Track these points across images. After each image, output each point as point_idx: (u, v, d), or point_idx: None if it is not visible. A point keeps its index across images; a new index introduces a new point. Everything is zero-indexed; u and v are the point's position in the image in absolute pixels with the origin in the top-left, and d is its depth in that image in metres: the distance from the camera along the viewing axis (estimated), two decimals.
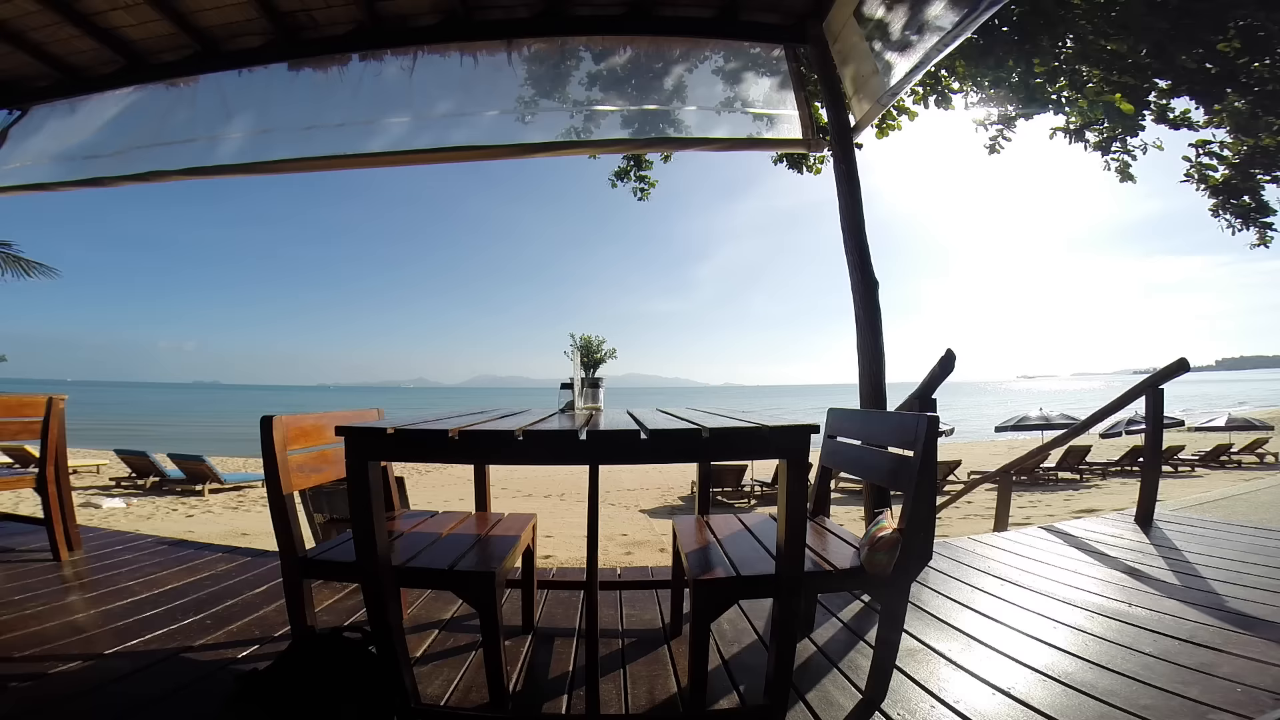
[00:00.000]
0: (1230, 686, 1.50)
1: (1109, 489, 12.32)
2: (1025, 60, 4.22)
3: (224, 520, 9.38)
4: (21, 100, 3.52)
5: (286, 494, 1.55)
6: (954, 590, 2.32)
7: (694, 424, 1.33)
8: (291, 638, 1.63)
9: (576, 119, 3.40)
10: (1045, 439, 8.45)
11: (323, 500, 3.59)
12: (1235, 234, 5.19)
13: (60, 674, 1.67)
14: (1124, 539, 3.04)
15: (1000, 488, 4.80)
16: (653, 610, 2.23)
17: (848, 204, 2.91)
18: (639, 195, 5.25)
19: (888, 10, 2.58)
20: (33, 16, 2.91)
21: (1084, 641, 1.83)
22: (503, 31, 3.16)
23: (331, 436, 1.68)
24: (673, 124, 3.45)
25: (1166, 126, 4.55)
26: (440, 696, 1.58)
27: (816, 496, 2.13)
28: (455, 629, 2.06)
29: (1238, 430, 19.33)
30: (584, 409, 1.99)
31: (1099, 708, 1.44)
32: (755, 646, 1.89)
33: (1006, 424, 20.03)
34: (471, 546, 1.63)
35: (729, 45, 3.33)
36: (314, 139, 3.31)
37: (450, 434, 1.23)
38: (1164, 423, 3.47)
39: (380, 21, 3.08)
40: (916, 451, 1.40)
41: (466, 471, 2.48)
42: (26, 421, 2.86)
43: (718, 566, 1.48)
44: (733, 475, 12.01)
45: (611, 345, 2.12)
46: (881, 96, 2.75)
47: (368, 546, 1.30)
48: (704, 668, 1.43)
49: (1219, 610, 2.04)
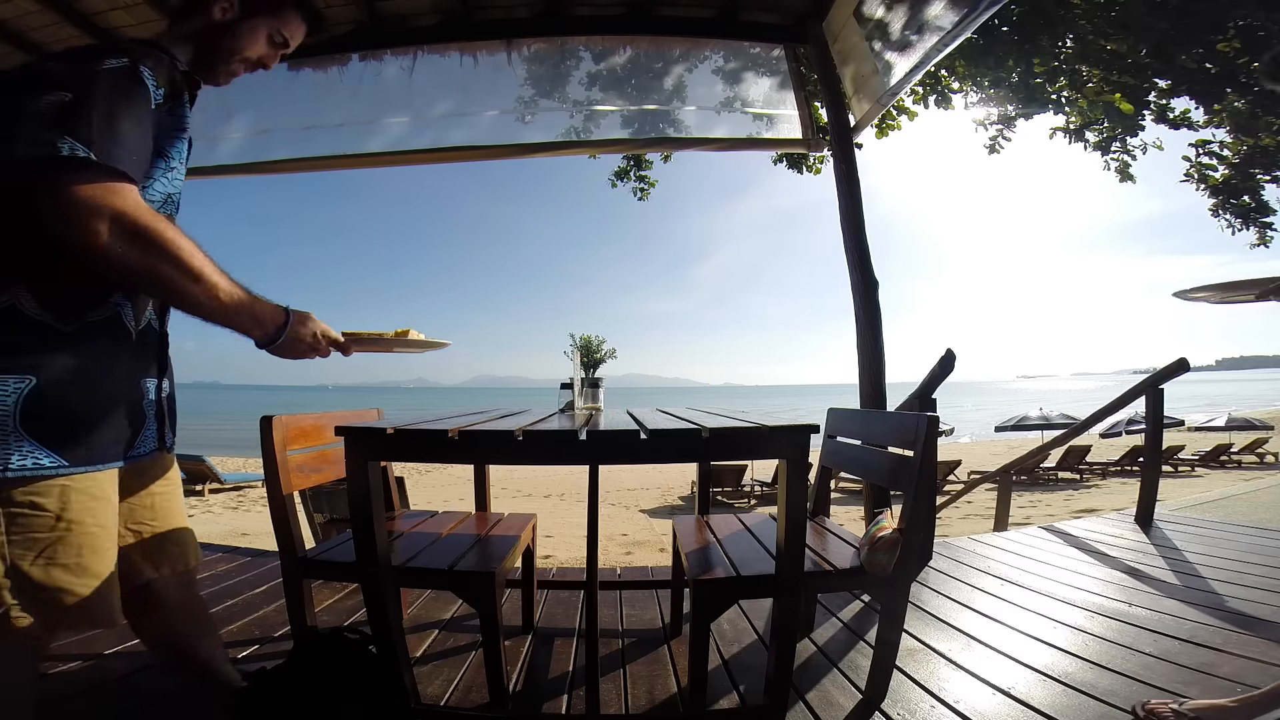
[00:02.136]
0: (1230, 686, 1.50)
1: (1109, 489, 12.33)
2: (1025, 60, 4.22)
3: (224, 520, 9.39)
4: None
5: (286, 494, 1.55)
6: (954, 590, 2.32)
7: (694, 424, 1.33)
8: (292, 638, 1.63)
9: (576, 119, 3.40)
10: (1045, 439, 8.45)
11: (323, 500, 3.59)
12: (1235, 234, 5.20)
13: (60, 674, 1.66)
14: (1124, 539, 3.04)
15: (1000, 488, 4.80)
16: (653, 610, 2.23)
17: (848, 204, 2.91)
18: (639, 195, 5.25)
19: (888, 10, 2.58)
20: (33, 16, 2.91)
21: (1084, 641, 1.82)
22: (502, 31, 3.16)
23: (331, 436, 1.68)
24: (673, 124, 3.45)
25: (1166, 126, 4.55)
26: (440, 696, 1.58)
27: (816, 496, 2.13)
28: (455, 629, 2.06)
29: (1238, 430, 19.34)
30: (584, 409, 1.99)
31: (1099, 708, 1.44)
32: (755, 646, 1.89)
33: (1006, 424, 20.05)
34: (471, 546, 1.63)
35: (729, 45, 3.32)
36: (313, 139, 3.31)
37: (450, 434, 1.23)
38: (1164, 423, 3.47)
39: (380, 21, 3.08)
40: (916, 451, 1.40)
41: (466, 471, 2.48)
42: None
43: (718, 566, 1.48)
44: (733, 475, 12.01)
45: (611, 345, 2.11)
46: (881, 96, 2.74)
47: (368, 546, 1.30)
48: (704, 668, 1.42)
49: (1219, 610, 2.04)
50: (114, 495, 1.00)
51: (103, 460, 0.96)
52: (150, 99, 0.96)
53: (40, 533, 0.90)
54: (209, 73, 1.14)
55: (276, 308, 1.03)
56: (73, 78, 0.87)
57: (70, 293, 0.92)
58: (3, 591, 0.88)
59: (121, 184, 0.86)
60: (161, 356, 1.11)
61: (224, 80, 1.16)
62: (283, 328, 1.03)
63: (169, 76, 1.02)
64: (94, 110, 0.85)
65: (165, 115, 1.01)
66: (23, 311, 0.87)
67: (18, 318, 0.87)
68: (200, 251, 0.93)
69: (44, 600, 0.91)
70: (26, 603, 0.90)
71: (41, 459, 0.88)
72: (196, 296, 0.92)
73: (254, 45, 1.14)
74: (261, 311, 1.01)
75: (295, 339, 1.06)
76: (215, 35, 1.11)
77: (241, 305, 0.98)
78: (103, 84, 0.88)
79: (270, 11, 1.14)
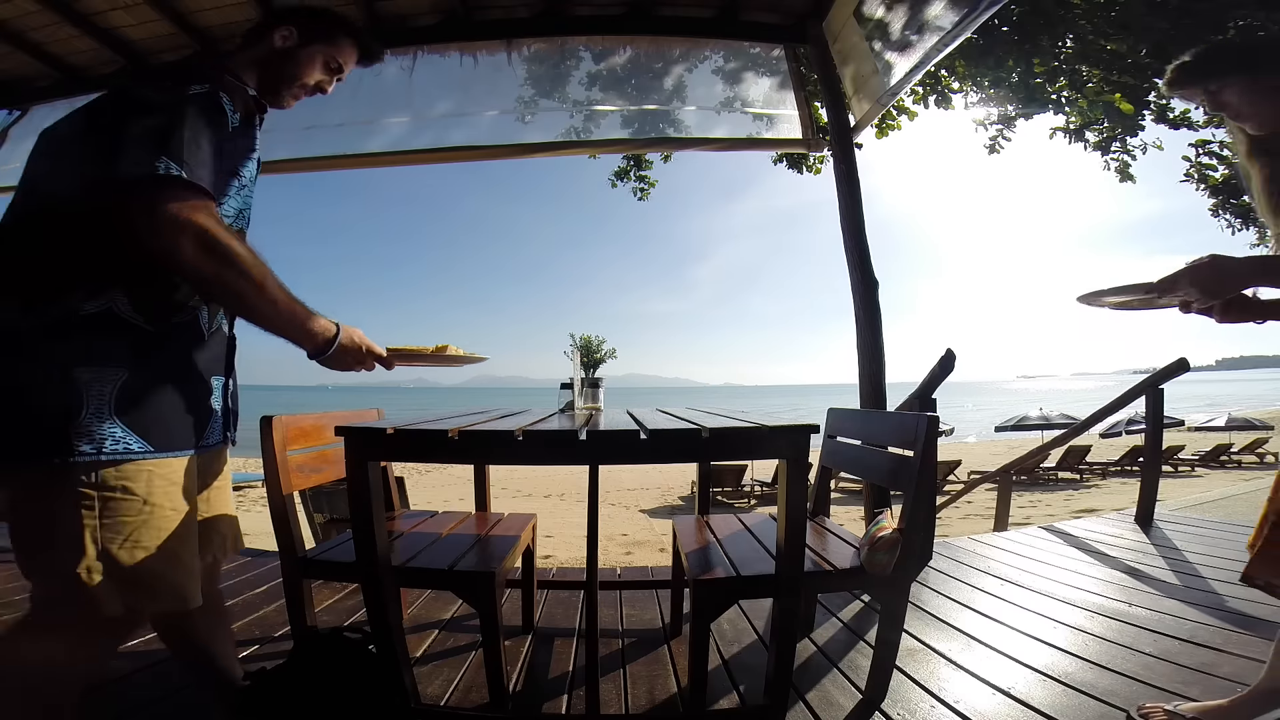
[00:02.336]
0: (1230, 686, 1.50)
1: (1109, 489, 12.33)
2: (1025, 60, 4.21)
3: None
4: (21, 100, 3.51)
5: (286, 494, 1.55)
6: (954, 590, 2.32)
7: (694, 424, 1.33)
8: (292, 638, 1.63)
9: (576, 119, 3.40)
10: (1045, 439, 8.46)
11: (323, 500, 3.59)
12: (1235, 234, 5.20)
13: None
14: (1124, 539, 3.04)
15: (1000, 488, 4.81)
16: (653, 610, 2.23)
17: (847, 204, 2.91)
18: (639, 195, 5.25)
19: (888, 10, 2.58)
20: (33, 16, 2.91)
21: (1084, 641, 1.83)
22: (502, 31, 3.16)
23: (331, 436, 1.68)
24: (673, 124, 3.45)
25: (1166, 126, 4.54)
26: (440, 696, 1.58)
27: (816, 496, 2.13)
28: (455, 629, 2.06)
29: (1238, 430, 19.35)
30: (584, 409, 1.99)
31: (1099, 708, 1.44)
32: (755, 646, 1.89)
33: (1006, 424, 20.06)
34: (471, 546, 1.63)
35: (729, 45, 3.32)
36: (313, 139, 3.31)
37: (450, 434, 1.23)
38: (1164, 423, 3.47)
39: (380, 21, 3.08)
40: (916, 451, 1.40)
41: (466, 471, 2.48)
42: None
43: (718, 566, 1.48)
44: (733, 475, 12.02)
45: (611, 345, 2.11)
46: (881, 96, 2.75)
47: (368, 546, 1.30)
48: (704, 668, 1.42)
49: (1219, 610, 2.04)
50: (190, 483, 1.08)
51: (181, 447, 1.05)
52: (228, 123, 1.05)
53: (128, 516, 0.97)
54: (273, 96, 1.22)
55: (328, 322, 1.12)
56: (165, 103, 0.96)
57: (158, 299, 1.02)
58: (94, 575, 0.93)
59: (205, 201, 0.96)
60: (229, 357, 1.20)
61: (287, 103, 1.25)
62: (333, 340, 1.11)
63: (243, 101, 1.12)
64: (184, 132, 0.95)
65: (239, 137, 1.09)
66: (118, 314, 0.97)
67: (115, 319, 0.97)
68: (266, 266, 1.02)
69: (130, 584, 0.97)
70: (115, 587, 0.95)
71: (132, 444, 0.96)
72: (260, 307, 1.02)
73: (311, 71, 1.24)
74: (315, 325, 1.09)
75: (344, 351, 1.14)
76: (277, 61, 1.21)
77: (298, 317, 1.07)
78: (190, 108, 0.98)
79: (326, 39, 1.25)
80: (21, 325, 0.93)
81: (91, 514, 0.94)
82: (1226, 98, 1.24)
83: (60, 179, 0.97)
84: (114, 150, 0.92)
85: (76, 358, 0.93)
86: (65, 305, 0.94)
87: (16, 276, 0.96)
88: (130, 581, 0.97)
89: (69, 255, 0.96)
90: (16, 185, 1.01)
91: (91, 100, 1.01)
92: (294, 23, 1.22)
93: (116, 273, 0.97)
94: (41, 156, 1.01)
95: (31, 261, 0.96)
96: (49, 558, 0.95)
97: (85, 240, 0.96)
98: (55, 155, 1.00)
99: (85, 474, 0.93)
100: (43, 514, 0.95)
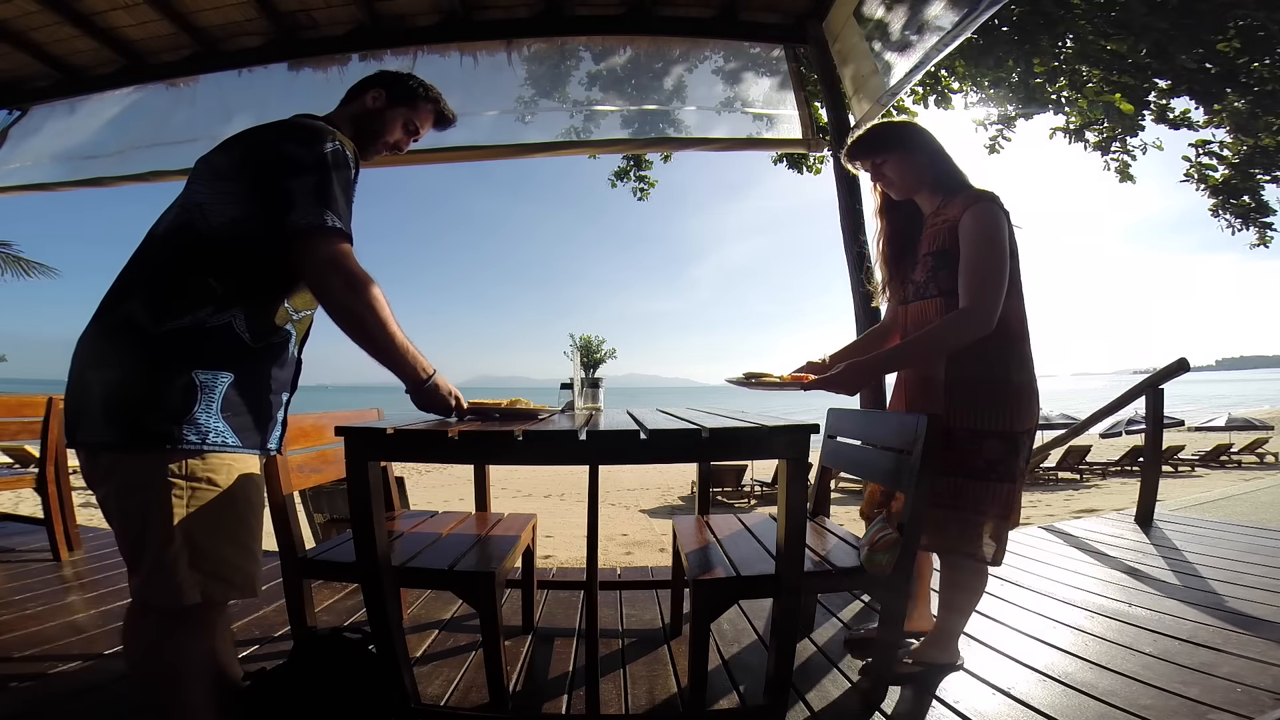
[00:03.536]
0: (1230, 686, 1.50)
1: (1109, 489, 12.33)
2: (1025, 60, 4.22)
3: None
4: (21, 100, 3.52)
5: (286, 494, 1.55)
6: None
7: (694, 424, 1.33)
8: (292, 638, 1.63)
9: (576, 119, 3.39)
10: (1045, 439, 8.45)
11: (323, 500, 3.59)
12: (1235, 234, 5.20)
13: (60, 674, 1.67)
14: (1124, 539, 3.04)
15: None
16: (653, 610, 2.23)
17: (847, 204, 2.91)
18: (638, 195, 5.25)
19: (888, 10, 2.58)
20: (33, 16, 2.91)
21: (1084, 641, 1.83)
22: (502, 31, 3.16)
23: (331, 436, 1.67)
24: (673, 124, 3.44)
25: (1166, 126, 4.55)
26: (440, 696, 1.58)
27: (816, 496, 2.13)
28: (455, 629, 2.06)
29: (1238, 430, 19.35)
30: (584, 409, 1.99)
31: (1099, 708, 1.44)
32: (755, 646, 1.89)
33: None
34: (471, 546, 1.63)
35: (729, 45, 3.32)
36: None
37: (450, 434, 1.23)
38: (1164, 423, 3.47)
39: (380, 21, 3.08)
40: (916, 451, 1.40)
41: (466, 471, 2.48)
42: (26, 421, 2.86)
43: (718, 566, 1.48)
44: (733, 475, 12.02)
45: (611, 345, 2.11)
46: (881, 96, 2.74)
47: (368, 546, 1.30)
48: (704, 668, 1.42)
49: (1219, 610, 2.04)
50: (261, 481, 1.20)
51: (258, 447, 1.17)
52: (352, 173, 1.22)
53: (211, 506, 1.07)
54: (363, 150, 1.36)
55: (429, 364, 1.28)
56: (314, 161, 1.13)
57: (264, 320, 1.16)
58: (180, 563, 1.02)
59: (350, 246, 1.16)
60: (296, 377, 1.31)
61: (370, 156, 1.41)
62: (430, 379, 1.28)
63: (355, 154, 1.25)
64: (335, 186, 1.14)
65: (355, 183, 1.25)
66: (234, 329, 1.11)
67: (231, 333, 1.11)
68: (389, 307, 1.19)
69: (210, 572, 1.06)
70: (195, 576, 1.04)
71: (228, 439, 1.09)
72: (381, 339, 1.19)
73: (393, 131, 1.42)
74: (420, 363, 1.26)
75: (435, 389, 1.30)
76: (367, 119, 1.39)
77: (408, 354, 1.23)
78: (332, 163, 1.15)
79: (407, 104, 1.42)
80: (152, 329, 1.04)
81: (181, 503, 1.03)
82: (886, 170, 1.63)
83: (216, 211, 1.10)
84: (286, 203, 1.09)
85: (199, 362, 1.06)
86: (197, 316, 1.07)
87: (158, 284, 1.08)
88: (210, 571, 1.05)
89: (212, 276, 1.09)
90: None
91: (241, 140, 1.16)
92: (383, 86, 1.39)
93: (242, 295, 1.12)
94: (200, 181, 1.14)
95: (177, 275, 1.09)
96: (143, 544, 1.03)
97: (227, 266, 1.10)
98: (211, 187, 1.12)
99: (178, 463, 1.04)
100: (142, 503, 1.04)
